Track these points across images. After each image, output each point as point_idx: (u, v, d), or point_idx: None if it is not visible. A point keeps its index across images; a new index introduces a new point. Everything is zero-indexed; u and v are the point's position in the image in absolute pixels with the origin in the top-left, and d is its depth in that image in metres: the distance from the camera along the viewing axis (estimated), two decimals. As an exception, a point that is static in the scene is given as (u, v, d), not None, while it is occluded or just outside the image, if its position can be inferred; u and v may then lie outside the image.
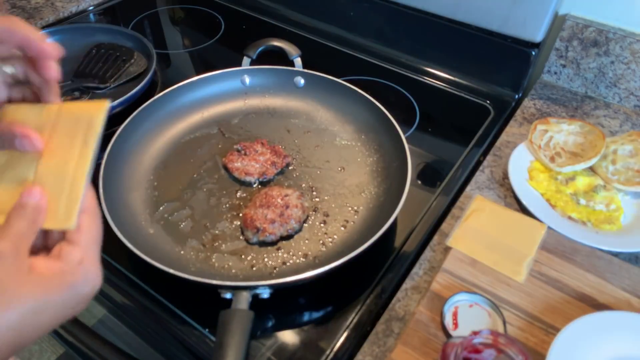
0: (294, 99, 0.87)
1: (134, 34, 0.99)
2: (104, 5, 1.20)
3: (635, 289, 0.58)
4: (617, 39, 0.82)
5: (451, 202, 0.73)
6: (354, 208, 0.70)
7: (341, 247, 0.65)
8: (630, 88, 0.86)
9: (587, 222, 0.66)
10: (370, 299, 0.61)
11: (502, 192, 0.73)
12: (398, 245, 0.67)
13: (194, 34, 1.13)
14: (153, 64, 0.91)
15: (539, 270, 0.60)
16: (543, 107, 0.89)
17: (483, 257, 0.61)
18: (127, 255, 0.63)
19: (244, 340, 0.51)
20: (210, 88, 0.85)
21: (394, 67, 1.00)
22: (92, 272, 0.35)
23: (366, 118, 0.80)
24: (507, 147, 0.80)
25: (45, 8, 1.14)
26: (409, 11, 0.96)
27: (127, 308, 0.62)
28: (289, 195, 0.68)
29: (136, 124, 0.76)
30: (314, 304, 0.61)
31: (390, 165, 0.74)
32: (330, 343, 0.57)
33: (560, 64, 0.91)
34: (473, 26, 0.90)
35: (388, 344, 0.55)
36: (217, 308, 0.54)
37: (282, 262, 0.64)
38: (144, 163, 0.76)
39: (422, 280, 0.62)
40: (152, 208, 0.70)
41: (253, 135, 0.82)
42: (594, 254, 0.62)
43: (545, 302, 0.57)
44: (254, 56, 0.87)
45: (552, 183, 0.71)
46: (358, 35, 1.05)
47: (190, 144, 0.80)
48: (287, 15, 1.13)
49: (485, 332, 0.44)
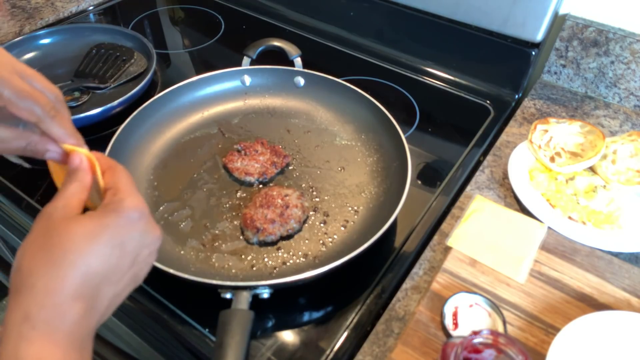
0: (294, 99, 0.87)
1: (134, 34, 0.99)
2: (104, 5, 1.20)
3: (635, 289, 0.58)
4: (617, 39, 0.82)
5: (451, 202, 0.73)
6: (354, 208, 0.70)
7: (341, 247, 0.65)
8: (630, 88, 0.86)
9: (587, 222, 0.66)
10: (370, 299, 0.61)
11: (502, 192, 0.73)
12: (398, 245, 0.67)
13: (194, 34, 1.13)
14: (153, 64, 0.91)
15: (539, 270, 0.60)
16: (543, 107, 0.89)
17: (483, 257, 0.61)
18: (127, 255, 0.63)
19: (244, 340, 0.51)
20: (210, 88, 0.85)
21: (394, 67, 1.00)
22: (132, 200, 0.38)
23: (366, 118, 0.80)
24: (507, 147, 0.80)
25: (45, 8, 1.14)
26: (409, 11, 0.96)
27: (127, 308, 0.62)
28: (289, 195, 0.68)
29: (136, 124, 0.76)
30: (314, 304, 0.61)
31: (390, 165, 0.74)
32: (330, 343, 0.57)
33: (560, 64, 0.91)
34: (473, 26, 0.90)
35: (388, 344, 0.55)
36: (217, 308, 0.54)
37: (282, 262, 0.64)
38: (144, 163, 0.76)
39: (422, 280, 0.62)
40: (152, 208, 0.70)
41: (253, 135, 0.82)
42: (594, 254, 0.62)
43: (545, 302, 0.57)
44: (254, 56, 0.87)
45: (552, 183, 0.71)
46: (358, 35, 1.05)
47: (190, 143, 0.80)
48: (287, 15, 1.13)
49: (485, 332, 0.44)
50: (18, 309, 0.32)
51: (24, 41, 0.98)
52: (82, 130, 0.82)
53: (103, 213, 0.37)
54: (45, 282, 0.33)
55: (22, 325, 0.32)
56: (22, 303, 0.32)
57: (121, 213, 0.37)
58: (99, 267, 0.35)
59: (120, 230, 0.37)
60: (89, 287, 0.34)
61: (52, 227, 0.35)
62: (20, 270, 0.34)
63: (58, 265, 0.33)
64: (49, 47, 1.00)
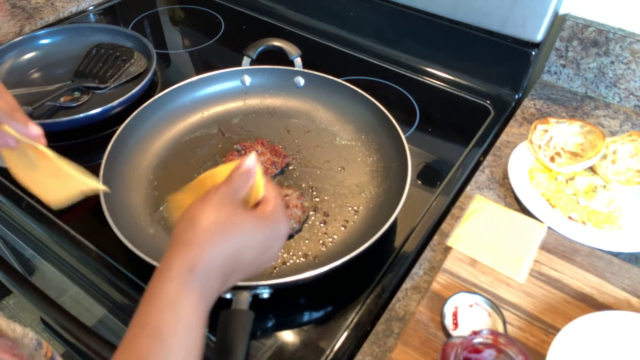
0: (294, 99, 0.87)
1: (134, 34, 0.99)
2: (104, 5, 1.20)
3: (635, 289, 0.58)
4: (617, 39, 0.82)
5: (451, 202, 0.73)
6: (354, 208, 0.70)
7: (341, 247, 0.65)
8: (630, 88, 0.86)
9: (587, 222, 0.66)
10: (370, 299, 0.61)
11: (502, 192, 0.73)
12: (398, 245, 0.67)
13: (194, 34, 1.13)
14: (153, 64, 0.91)
15: (539, 270, 0.60)
16: (543, 107, 0.89)
17: (483, 257, 0.61)
18: (127, 255, 0.63)
19: (244, 340, 0.51)
20: (210, 88, 0.85)
21: (394, 67, 1.00)
22: (284, 219, 0.45)
23: (366, 118, 0.80)
24: (507, 147, 0.80)
25: (45, 8, 1.14)
26: (409, 11, 0.96)
27: (127, 308, 0.62)
28: (289, 195, 0.68)
29: (136, 124, 0.76)
30: (314, 304, 0.61)
31: (390, 165, 0.74)
32: (330, 343, 0.57)
33: (560, 64, 0.91)
34: (473, 26, 0.90)
35: (388, 344, 0.55)
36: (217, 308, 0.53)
37: (282, 262, 0.64)
38: (144, 163, 0.76)
39: (422, 280, 0.62)
40: (152, 208, 0.70)
41: (253, 135, 0.82)
42: (594, 254, 0.62)
43: (545, 302, 0.57)
44: (254, 56, 0.87)
45: (552, 183, 0.71)
46: (358, 35, 1.05)
47: (190, 144, 0.80)
48: (287, 15, 1.13)
49: (485, 332, 0.44)
50: (186, 259, 0.38)
51: (24, 41, 0.98)
52: (82, 130, 0.83)
53: (268, 219, 0.43)
54: (211, 248, 0.39)
55: (187, 275, 0.37)
56: (191, 256, 0.38)
57: (278, 227, 0.44)
58: (246, 255, 0.41)
59: (273, 237, 0.44)
60: (233, 266, 0.40)
61: (230, 207, 0.41)
62: (195, 227, 0.39)
63: (225, 239, 0.39)
64: (49, 47, 1.00)
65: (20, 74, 0.95)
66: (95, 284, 0.65)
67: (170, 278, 0.37)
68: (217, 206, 0.40)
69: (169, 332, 0.35)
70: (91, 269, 0.66)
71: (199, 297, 0.37)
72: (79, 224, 0.70)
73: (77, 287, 0.68)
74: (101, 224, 0.61)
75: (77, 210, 0.73)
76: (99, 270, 0.65)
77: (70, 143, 0.83)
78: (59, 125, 0.81)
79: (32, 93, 0.88)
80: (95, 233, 0.68)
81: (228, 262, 0.40)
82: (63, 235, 0.69)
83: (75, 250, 0.67)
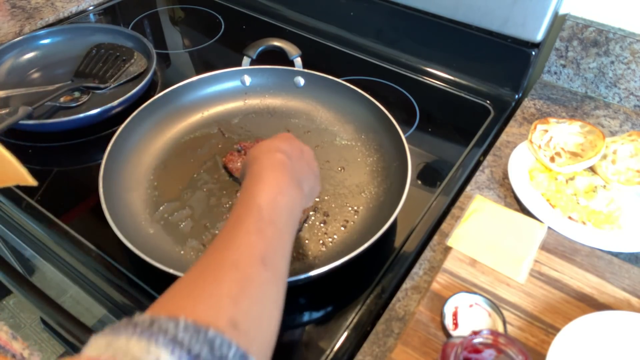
0: (294, 99, 0.87)
1: (134, 34, 0.99)
2: (104, 5, 1.20)
3: (635, 289, 0.58)
4: (617, 39, 0.82)
5: (451, 202, 0.73)
6: (354, 208, 0.70)
7: (341, 247, 0.65)
8: (630, 88, 0.86)
9: (587, 222, 0.66)
10: (370, 299, 0.61)
11: (502, 192, 0.73)
12: (398, 245, 0.67)
13: (194, 34, 1.13)
14: (153, 64, 0.91)
15: (539, 270, 0.60)
16: (543, 107, 0.89)
17: (483, 257, 0.61)
18: (127, 255, 0.63)
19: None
20: (210, 88, 0.85)
21: (394, 67, 1.00)
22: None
23: (366, 118, 0.80)
24: (507, 147, 0.80)
25: (45, 8, 1.14)
26: (409, 11, 0.96)
27: (127, 308, 0.62)
28: (289, 195, 0.68)
29: (136, 124, 0.76)
30: (313, 304, 0.61)
31: (390, 165, 0.74)
32: (330, 343, 0.57)
33: (560, 64, 0.91)
34: (473, 26, 0.90)
35: (388, 344, 0.55)
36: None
37: (282, 262, 0.64)
38: (144, 163, 0.76)
39: (422, 280, 0.62)
40: (152, 208, 0.70)
41: (253, 135, 0.82)
42: (594, 254, 0.62)
43: (545, 302, 0.57)
44: (254, 56, 0.87)
45: (552, 183, 0.71)
46: (358, 35, 1.05)
47: (190, 144, 0.80)
48: (287, 15, 1.13)
49: (485, 332, 0.44)
50: (288, 172, 0.47)
51: (24, 41, 0.98)
52: (82, 130, 0.83)
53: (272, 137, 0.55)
54: (293, 165, 0.49)
55: (291, 183, 0.46)
56: (289, 169, 0.48)
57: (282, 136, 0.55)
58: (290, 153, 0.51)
59: (285, 137, 0.54)
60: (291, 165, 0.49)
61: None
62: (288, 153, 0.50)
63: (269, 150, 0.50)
64: (49, 47, 1.00)
65: (20, 74, 0.95)
66: (95, 284, 0.65)
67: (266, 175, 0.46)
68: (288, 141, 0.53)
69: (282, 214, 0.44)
70: (91, 269, 0.66)
71: (297, 188, 0.47)
72: (79, 224, 0.70)
73: (77, 287, 0.68)
74: (101, 224, 0.61)
75: (77, 210, 0.73)
76: (99, 270, 0.65)
77: (70, 143, 0.83)
78: (59, 125, 0.81)
79: (32, 93, 0.88)
80: (95, 233, 0.68)
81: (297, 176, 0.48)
82: (63, 235, 0.69)
83: (75, 250, 0.67)
